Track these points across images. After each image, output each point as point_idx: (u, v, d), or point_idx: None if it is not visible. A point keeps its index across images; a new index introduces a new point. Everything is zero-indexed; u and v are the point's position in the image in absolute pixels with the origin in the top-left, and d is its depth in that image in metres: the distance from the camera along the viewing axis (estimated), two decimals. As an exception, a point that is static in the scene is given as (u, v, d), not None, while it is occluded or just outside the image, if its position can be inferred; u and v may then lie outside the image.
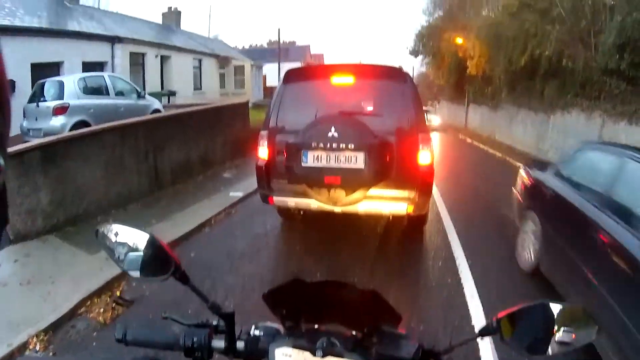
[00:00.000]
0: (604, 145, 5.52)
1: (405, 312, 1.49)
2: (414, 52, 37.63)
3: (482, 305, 4.50)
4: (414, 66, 51.48)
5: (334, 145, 5.05)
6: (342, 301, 1.09)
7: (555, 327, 1.06)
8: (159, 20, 27.81)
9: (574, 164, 5.35)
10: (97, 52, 16.71)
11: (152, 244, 1.20)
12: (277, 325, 1.17)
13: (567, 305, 1.08)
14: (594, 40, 14.37)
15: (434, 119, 24.10)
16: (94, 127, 8.07)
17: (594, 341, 1.16)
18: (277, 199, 5.83)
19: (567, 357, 1.11)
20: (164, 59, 21.49)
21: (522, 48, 17.40)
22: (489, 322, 1.10)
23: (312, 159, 5.18)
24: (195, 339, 1.11)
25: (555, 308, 1.08)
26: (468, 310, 4.47)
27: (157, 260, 1.19)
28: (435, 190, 8.47)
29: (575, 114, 15.15)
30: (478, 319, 4.23)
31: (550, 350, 1.06)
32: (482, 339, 1.12)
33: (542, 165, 6.48)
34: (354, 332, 1.12)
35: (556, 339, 1.06)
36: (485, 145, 21.38)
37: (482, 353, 3.60)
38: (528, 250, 5.42)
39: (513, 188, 6.66)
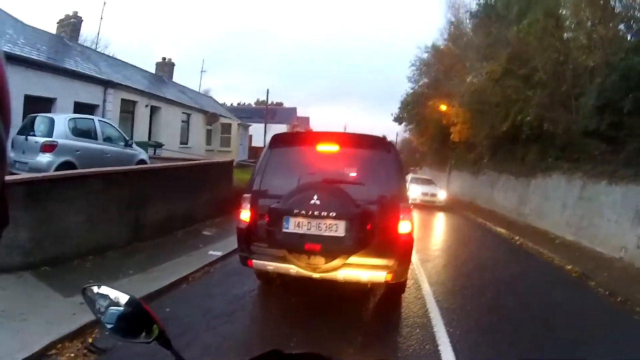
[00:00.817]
0: None
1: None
2: (398, 119, 38.69)
3: None
4: (398, 132, 52.63)
5: (316, 212, 5.09)
6: None
7: None
8: (153, 69, 28.17)
9: None
10: (89, 94, 16.76)
11: (137, 306, 1.24)
12: None
13: None
14: (575, 103, 14.90)
15: (440, 194, 23.07)
16: (80, 171, 8.10)
17: None
18: (256, 262, 5.77)
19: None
20: (154, 110, 21.65)
21: (504, 114, 18.00)
22: None
23: (293, 225, 5.22)
24: None
25: None
26: None
27: (141, 322, 1.22)
28: (414, 258, 8.53)
29: (555, 177, 15.53)
30: None
31: None
32: None
33: None
34: None
35: None
36: (466, 211, 21.72)
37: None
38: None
39: None
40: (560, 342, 5.72)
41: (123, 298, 1.26)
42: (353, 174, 5.78)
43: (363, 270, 5.42)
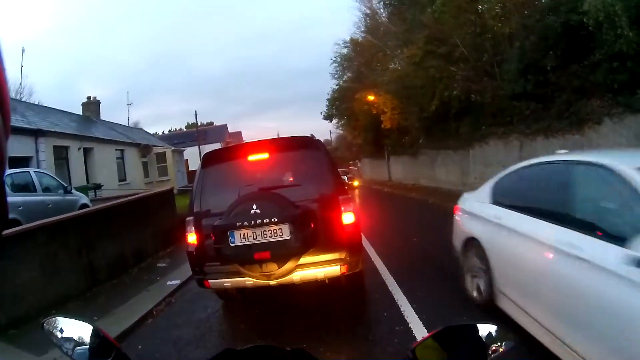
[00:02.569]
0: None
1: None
2: (328, 117, 38.71)
3: None
4: (331, 129, 52.63)
5: (258, 221, 5.19)
6: None
7: (487, 345, 1.23)
8: (79, 110, 27.65)
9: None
10: (21, 146, 16.42)
11: (96, 333, 1.37)
12: None
13: (487, 325, 1.29)
14: (498, 70, 15.41)
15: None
16: (26, 226, 7.96)
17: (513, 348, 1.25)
18: (213, 282, 5.83)
19: None
20: (87, 151, 21.29)
21: (431, 94, 18.35)
22: (407, 353, 1.23)
23: (239, 238, 5.33)
24: None
25: (480, 328, 1.27)
26: None
27: (101, 347, 1.35)
28: (368, 245, 8.85)
29: (492, 143, 16.03)
30: None
31: None
32: None
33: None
34: None
35: (488, 354, 1.22)
36: (410, 192, 22.04)
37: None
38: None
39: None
40: None
41: (85, 330, 1.38)
42: (288, 177, 5.93)
43: (317, 268, 5.56)
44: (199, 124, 46.78)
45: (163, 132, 60.34)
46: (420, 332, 5.23)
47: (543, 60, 12.42)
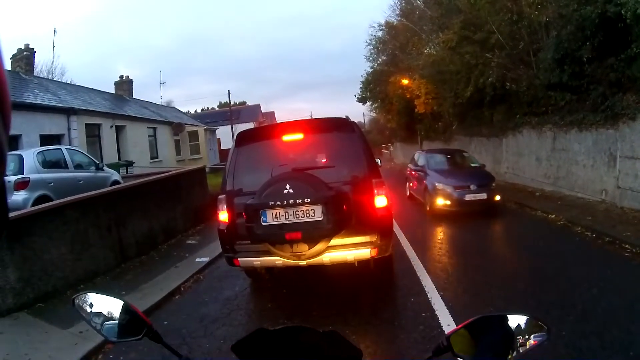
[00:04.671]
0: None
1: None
2: (362, 99, 38.28)
3: None
4: (364, 112, 52.32)
5: (291, 201, 5.18)
6: (305, 345, 1.24)
7: (516, 336, 1.20)
8: (112, 89, 27.92)
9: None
10: (54, 124, 16.60)
11: (126, 309, 1.36)
12: None
13: (518, 315, 1.24)
14: (534, 59, 15.00)
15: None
16: (56, 202, 8.03)
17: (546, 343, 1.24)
18: (243, 261, 5.84)
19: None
20: (119, 129, 21.48)
21: (466, 80, 18.01)
22: (440, 341, 1.23)
23: (271, 218, 5.31)
24: None
25: (510, 319, 1.23)
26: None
27: (131, 323, 1.35)
28: (398, 230, 8.72)
29: (526, 133, 15.72)
30: None
31: (509, 356, 1.19)
32: (436, 358, 1.25)
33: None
34: None
35: (516, 346, 1.20)
36: None
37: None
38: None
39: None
40: (557, 287, 5.93)
41: (115, 306, 1.37)
42: (322, 159, 5.89)
43: (347, 250, 5.53)
44: (232, 103, 46.93)
45: (195, 111, 60.60)
46: (446, 319, 5.18)
47: (579, 51, 11.98)
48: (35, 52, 20.59)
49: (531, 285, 6.09)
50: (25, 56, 19.70)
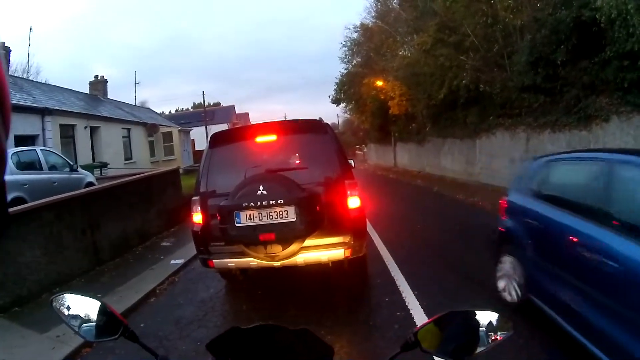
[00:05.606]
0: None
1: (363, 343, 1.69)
2: (336, 101, 38.51)
3: None
4: (338, 114, 52.37)
5: (264, 202, 5.19)
6: (278, 343, 1.27)
7: (480, 331, 1.24)
8: (86, 89, 27.62)
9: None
10: (28, 124, 16.43)
11: (103, 310, 1.40)
12: None
13: (484, 311, 1.28)
14: (508, 61, 15.26)
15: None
16: (30, 204, 7.96)
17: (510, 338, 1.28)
18: (217, 262, 5.86)
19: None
20: (93, 130, 21.33)
21: (440, 82, 18.18)
22: (409, 336, 1.26)
23: (244, 219, 5.33)
24: None
25: (477, 315, 1.28)
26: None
27: (108, 323, 1.37)
28: (372, 230, 8.81)
29: (499, 134, 15.95)
30: None
31: (476, 352, 1.23)
32: (402, 353, 1.29)
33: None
34: None
35: (480, 341, 1.24)
36: (416, 180, 22.06)
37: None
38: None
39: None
40: None
41: (92, 306, 1.40)
42: (295, 160, 5.90)
43: (321, 250, 5.58)
44: (206, 104, 46.76)
45: (170, 112, 60.19)
46: (420, 318, 5.25)
47: (554, 54, 12.26)
48: (10, 50, 20.51)
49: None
50: (1, 55, 19.45)
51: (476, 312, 1.29)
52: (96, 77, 28.38)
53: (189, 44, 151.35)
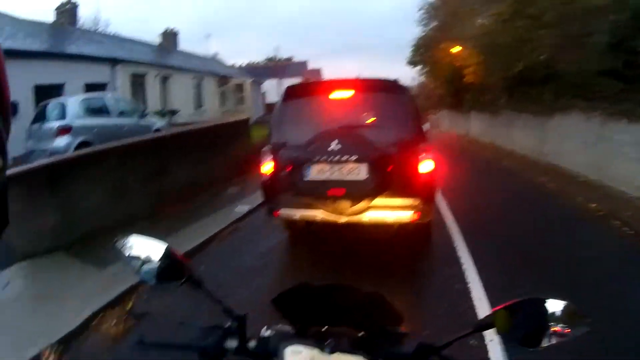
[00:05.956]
0: None
1: (412, 315, 1.50)
2: (412, 63, 37.78)
3: (490, 309, 4.46)
4: (413, 76, 51.49)
5: (336, 158, 5.15)
6: (348, 304, 1.20)
7: (551, 322, 1.10)
8: (157, 41, 27.97)
9: None
10: (98, 73, 16.81)
11: (168, 253, 1.30)
12: (288, 328, 1.23)
13: (559, 301, 1.12)
14: (587, 41, 14.34)
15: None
16: (98, 147, 8.10)
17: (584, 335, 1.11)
18: (283, 212, 5.84)
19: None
20: (164, 80, 21.67)
21: (517, 55, 17.40)
22: (485, 316, 1.15)
23: (315, 172, 5.30)
24: (209, 340, 1.18)
25: (549, 304, 1.11)
26: (475, 313, 4.49)
27: (172, 268, 1.30)
28: (439, 196, 8.46)
29: (573, 116, 14.98)
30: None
31: (543, 343, 1.09)
32: (477, 333, 1.16)
33: None
34: (359, 334, 1.18)
35: (550, 332, 1.10)
36: (485, 151, 21.49)
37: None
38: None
39: None
40: (587, 280, 5.40)
41: (156, 249, 1.31)
42: (370, 118, 5.73)
43: (388, 211, 5.46)
44: (279, 59, 46.62)
45: (241, 65, 60.33)
46: (478, 293, 5.00)
47: (633, 40, 11.29)
48: (77, 5, 21.08)
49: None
50: (69, 9, 20.18)
51: (549, 300, 1.13)
52: (166, 29, 28.69)
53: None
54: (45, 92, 13.12)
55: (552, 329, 1.11)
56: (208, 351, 1.17)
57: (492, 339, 3.71)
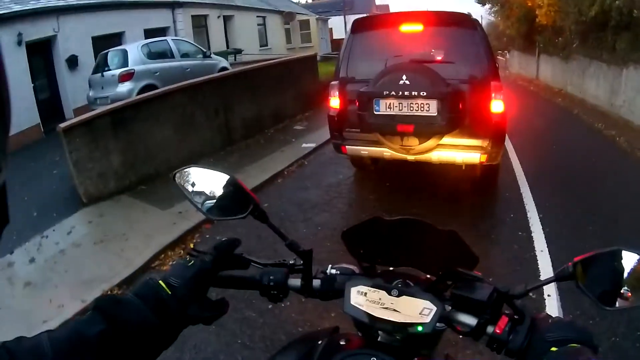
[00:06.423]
0: None
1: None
2: (481, 1, 36.02)
3: (552, 260, 4.31)
4: (482, 15, 49.30)
5: (406, 93, 4.96)
6: (419, 241, 1.13)
7: (625, 280, 1.00)
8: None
9: None
10: (157, 18, 16.82)
11: (231, 184, 1.18)
12: (353, 267, 1.17)
13: (630, 252, 1.00)
14: None
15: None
16: (161, 89, 8.12)
17: None
18: (350, 148, 5.79)
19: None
20: (226, 19, 21.44)
21: None
22: (566, 266, 1.03)
23: (384, 107, 5.14)
24: (272, 277, 1.10)
25: (631, 258, 1.00)
26: (537, 264, 4.34)
27: (236, 200, 1.17)
28: (507, 140, 8.08)
29: None
30: (546, 273, 4.08)
31: (617, 304, 1.00)
32: (557, 283, 1.07)
33: None
34: (428, 276, 1.14)
35: (623, 292, 1.01)
36: (556, 97, 20.54)
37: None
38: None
39: None
40: None
41: (219, 181, 1.18)
42: (440, 53, 5.46)
43: (457, 151, 5.35)
44: (345, -6, 45.47)
45: (307, 1, 59.45)
46: (540, 243, 4.80)
47: None
48: None
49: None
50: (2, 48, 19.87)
51: (625, 252, 1.00)
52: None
53: None
54: (105, 43, 13.21)
55: (625, 292, 1.00)
56: (271, 289, 1.11)
57: (549, 294, 3.60)
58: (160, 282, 0.90)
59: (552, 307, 3.45)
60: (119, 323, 0.79)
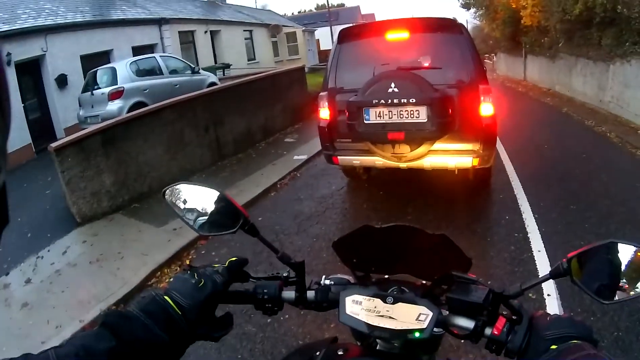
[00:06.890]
0: None
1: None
2: (466, 5, 36.29)
3: (549, 260, 4.34)
4: (467, 19, 49.80)
5: (395, 100, 4.98)
6: (411, 247, 1.13)
7: (623, 273, 1.01)
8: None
9: None
10: (145, 35, 16.90)
11: (221, 199, 1.20)
12: (348, 276, 1.18)
13: (625, 244, 1.00)
14: None
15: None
16: (151, 106, 8.09)
17: None
18: (342, 159, 5.80)
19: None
20: (214, 34, 21.48)
21: None
22: (560, 263, 1.04)
23: (374, 116, 5.15)
24: (266, 291, 1.11)
25: (627, 249, 1.01)
26: (535, 264, 4.36)
27: (226, 215, 1.19)
28: (498, 142, 8.15)
29: (635, 63, 13.85)
30: (544, 273, 3.99)
31: (617, 297, 0.99)
32: (557, 282, 1.05)
33: None
34: (423, 282, 1.14)
35: (622, 286, 1.01)
36: (545, 97, 20.72)
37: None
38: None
39: None
40: None
41: (209, 197, 1.21)
42: (428, 59, 5.50)
43: (449, 156, 5.36)
44: (330, 5, 45.68)
45: (293, 14, 59.72)
46: (537, 243, 4.82)
47: None
48: None
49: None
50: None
51: (620, 244, 1.01)
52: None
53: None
54: (93, 61, 13.26)
55: (623, 285, 1.01)
56: (265, 302, 1.12)
57: (549, 294, 3.62)
58: (168, 299, 0.91)
59: (553, 306, 3.48)
60: (128, 340, 0.80)
